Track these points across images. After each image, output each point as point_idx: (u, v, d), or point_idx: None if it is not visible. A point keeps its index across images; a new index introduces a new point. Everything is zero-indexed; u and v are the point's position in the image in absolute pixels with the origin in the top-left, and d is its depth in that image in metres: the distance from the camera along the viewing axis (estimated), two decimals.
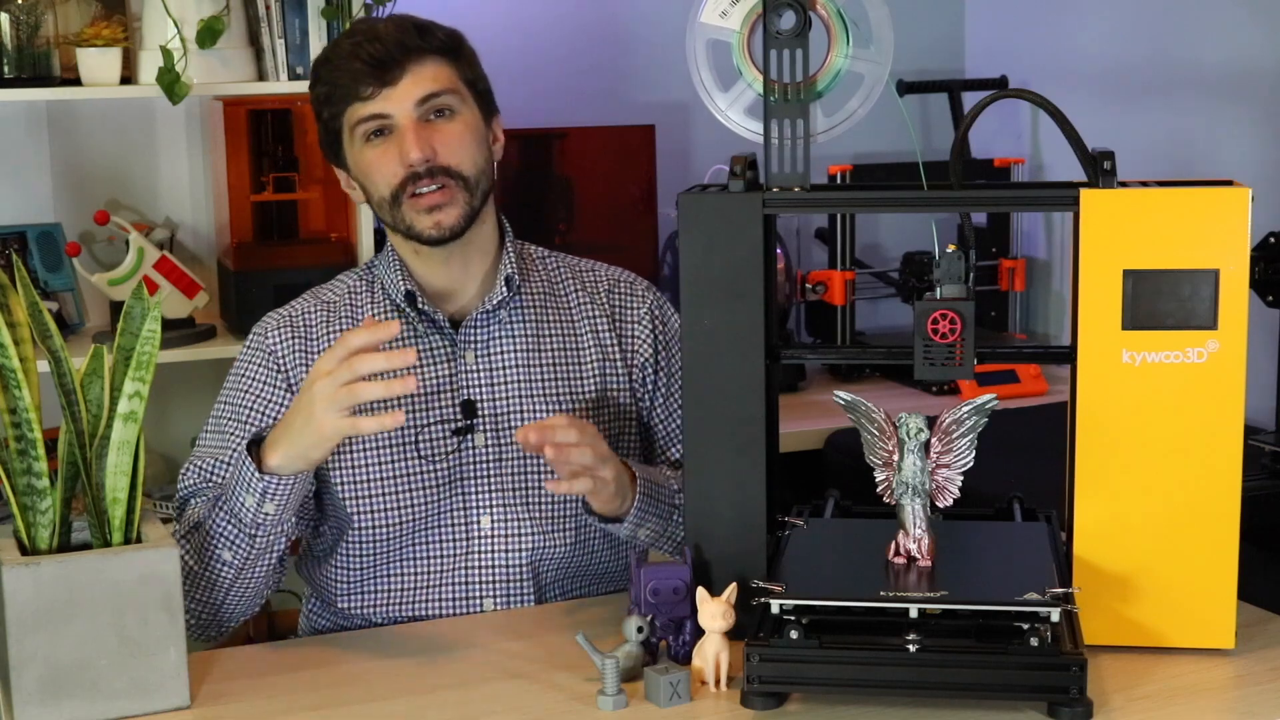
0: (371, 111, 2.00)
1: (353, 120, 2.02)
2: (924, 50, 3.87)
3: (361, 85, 1.99)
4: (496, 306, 2.08)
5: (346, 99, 2.01)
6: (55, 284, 3.15)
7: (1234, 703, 1.69)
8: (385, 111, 2.00)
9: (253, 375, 2.08)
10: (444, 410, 2.05)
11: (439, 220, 2.01)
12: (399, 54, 1.99)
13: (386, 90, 1.99)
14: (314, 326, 2.09)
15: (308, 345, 2.08)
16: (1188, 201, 1.72)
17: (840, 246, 3.44)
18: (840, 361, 3.51)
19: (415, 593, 2.04)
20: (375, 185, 2.03)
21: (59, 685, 1.65)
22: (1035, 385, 3.36)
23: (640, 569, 1.76)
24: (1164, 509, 1.75)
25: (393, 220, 2.04)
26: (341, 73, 2.01)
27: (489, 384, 2.07)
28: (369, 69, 1.99)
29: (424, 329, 2.07)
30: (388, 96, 1.99)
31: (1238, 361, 1.72)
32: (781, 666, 1.63)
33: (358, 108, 2.01)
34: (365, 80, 1.99)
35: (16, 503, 1.69)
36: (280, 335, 2.08)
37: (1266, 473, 2.60)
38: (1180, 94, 3.32)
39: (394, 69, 1.99)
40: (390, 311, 2.08)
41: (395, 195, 2.01)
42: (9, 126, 3.17)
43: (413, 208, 2.01)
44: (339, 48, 2.04)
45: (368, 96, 2.00)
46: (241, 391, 2.08)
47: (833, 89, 1.80)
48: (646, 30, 3.59)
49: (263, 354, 2.08)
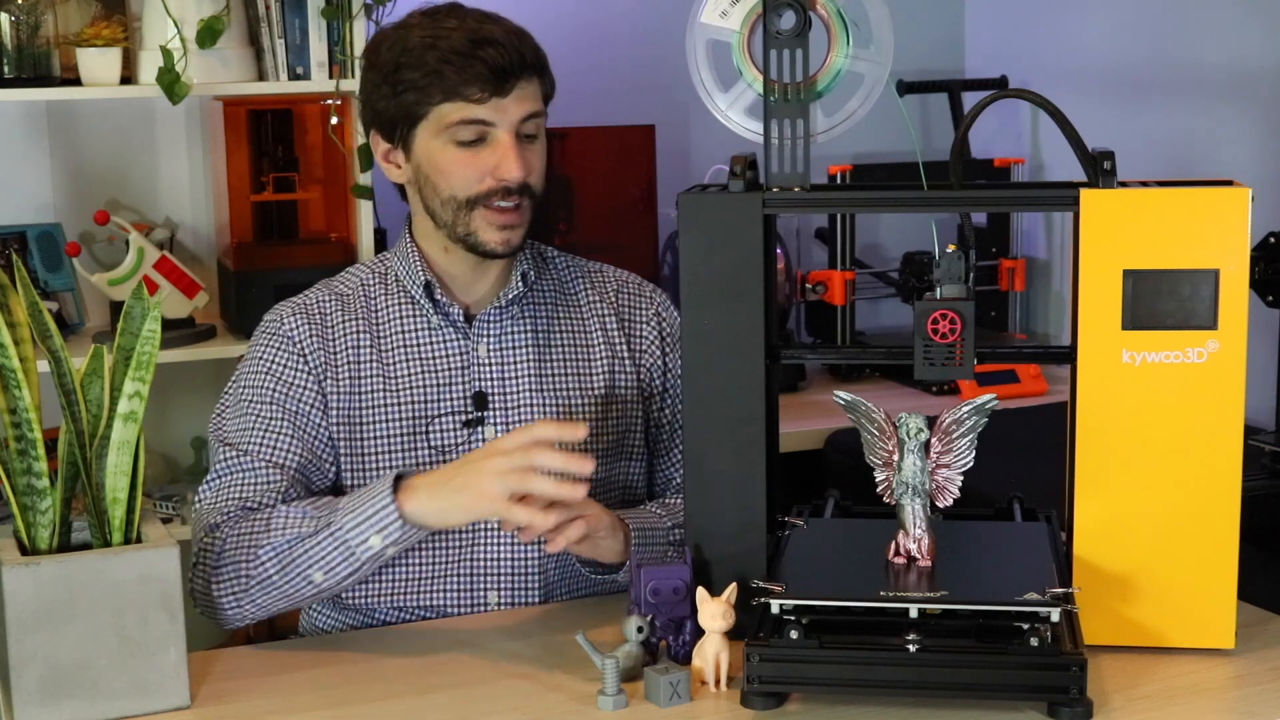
0: (478, 116, 1.97)
1: (450, 117, 1.98)
2: (924, 50, 3.87)
3: (473, 87, 1.96)
4: (511, 302, 2.08)
5: (449, 94, 1.97)
6: (55, 284, 3.15)
7: (1234, 703, 1.69)
8: (491, 120, 1.98)
9: (272, 359, 2.05)
10: (455, 402, 2.05)
11: (508, 239, 2.02)
12: (518, 66, 1.97)
13: (498, 100, 1.97)
14: (329, 315, 2.07)
15: (325, 333, 2.06)
16: (1188, 201, 1.72)
17: (840, 246, 3.44)
18: (840, 361, 3.51)
19: (420, 584, 2.04)
20: (452, 185, 2.01)
21: (59, 685, 1.65)
22: (1035, 385, 3.36)
23: (640, 569, 1.76)
24: (1164, 509, 1.75)
25: (453, 220, 2.02)
26: (454, 66, 1.96)
27: (500, 377, 2.07)
28: (489, 73, 1.95)
29: (438, 321, 2.07)
30: (497, 106, 1.97)
31: (1238, 361, 1.72)
32: (781, 666, 1.63)
33: (462, 108, 1.97)
34: (480, 84, 1.95)
35: (16, 503, 1.69)
36: (296, 322, 2.06)
37: (1266, 473, 2.60)
38: (1180, 94, 3.32)
39: (510, 80, 1.97)
40: (404, 304, 2.08)
41: (471, 201, 2.00)
42: (9, 126, 3.17)
43: (486, 219, 2.00)
44: (448, 36, 1.97)
45: (477, 100, 1.96)
46: (263, 374, 2.04)
47: (833, 89, 1.80)
48: (646, 30, 3.59)
49: (281, 339, 2.06)
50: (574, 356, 2.11)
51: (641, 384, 2.14)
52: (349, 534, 1.84)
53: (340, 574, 1.87)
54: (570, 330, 2.13)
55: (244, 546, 1.89)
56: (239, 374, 2.08)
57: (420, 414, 2.04)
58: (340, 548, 1.85)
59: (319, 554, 1.86)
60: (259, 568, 1.88)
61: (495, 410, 2.06)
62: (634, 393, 2.13)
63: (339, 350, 2.05)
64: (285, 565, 1.87)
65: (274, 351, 2.06)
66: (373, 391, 2.04)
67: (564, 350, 2.11)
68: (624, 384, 2.13)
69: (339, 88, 3.02)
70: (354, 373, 2.05)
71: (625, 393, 2.13)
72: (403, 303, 2.08)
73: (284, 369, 2.04)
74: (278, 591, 1.88)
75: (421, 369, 2.05)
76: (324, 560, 1.86)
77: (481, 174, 2.00)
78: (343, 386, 2.04)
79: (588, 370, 2.11)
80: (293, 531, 1.88)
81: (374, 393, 2.04)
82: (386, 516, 1.83)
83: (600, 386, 2.11)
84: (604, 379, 2.12)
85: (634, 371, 2.14)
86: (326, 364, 2.05)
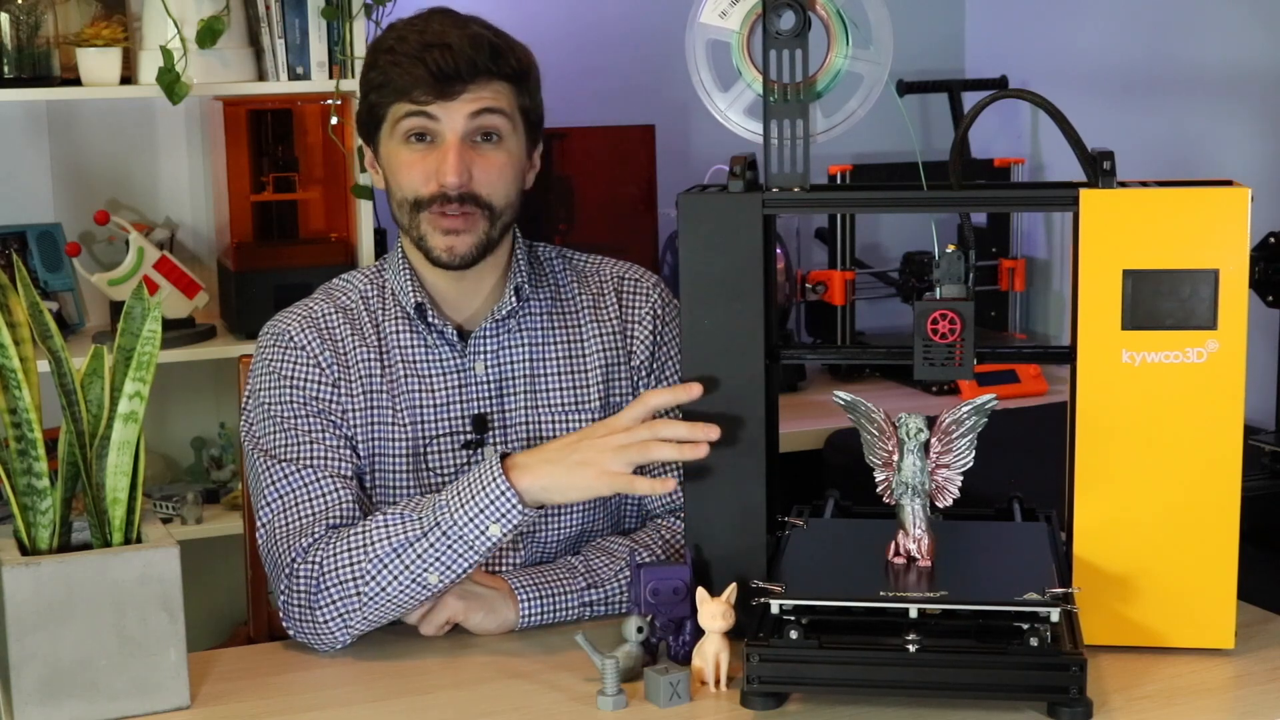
0: (423, 114, 1.97)
1: (398, 115, 1.98)
2: (924, 50, 3.87)
3: (418, 90, 1.95)
4: (505, 316, 2.07)
5: (398, 95, 1.97)
6: (55, 284, 3.15)
7: (1234, 703, 1.70)
8: (434, 120, 1.97)
9: (292, 373, 2.00)
10: (453, 423, 2.03)
11: (452, 245, 1.99)
12: (466, 72, 1.95)
13: (443, 103, 1.96)
14: (337, 330, 2.04)
15: (336, 348, 2.02)
16: (1187, 201, 1.72)
17: (840, 246, 3.44)
18: (840, 361, 3.51)
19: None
20: (401, 186, 2.01)
21: (59, 685, 1.65)
22: (1035, 385, 3.36)
23: (640, 569, 1.76)
24: (1164, 509, 1.75)
25: (408, 224, 2.01)
26: (401, 70, 1.96)
27: (498, 395, 2.05)
28: (430, 77, 1.95)
29: (433, 340, 2.05)
30: (443, 108, 1.96)
31: (1237, 361, 1.72)
32: (781, 666, 1.63)
33: (407, 108, 1.97)
34: (423, 87, 1.95)
35: (16, 503, 1.69)
36: (307, 336, 2.02)
37: (1266, 473, 2.60)
38: (1180, 94, 3.32)
39: (456, 84, 1.95)
40: (401, 319, 2.06)
41: (418, 203, 1.99)
42: (9, 126, 3.17)
43: (431, 223, 1.99)
44: (406, 40, 1.98)
45: (421, 102, 1.96)
46: (285, 388, 1.99)
47: (832, 89, 1.80)
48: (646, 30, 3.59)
49: (294, 351, 2.01)
50: (569, 368, 2.09)
51: (636, 385, 2.13)
52: (464, 529, 1.81)
53: (457, 571, 1.83)
54: (566, 339, 2.09)
55: (346, 564, 1.84)
56: (257, 390, 2.03)
57: (420, 434, 2.02)
58: (455, 544, 1.82)
59: (432, 556, 1.82)
60: (369, 584, 1.83)
61: (494, 430, 2.04)
62: (630, 398, 2.11)
63: (351, 365, 2.02)
64: (398, 574, 1.83)
65: (291, 365, 2.01)
66: (381, 408, 2.01)
67: (559, 362, 2.08)
68: (620, 390, 2.11)
69: (339, 88, 3.02)
70: (366, 387, 2.02)
71: (621, 400, 2.11)
72: (399, 318, 2.06)
73: (305, 381, 2.00)
74: (392, 603, 1.84)
75: (420, 388, 2.03)
76: (439, 561, 1.82)
77: (427, 176, 1.98)
78: (357, 403, 2.01)
79: (583, 381, 2.09)
80: (398, 539, 1.83)
81: (383, 409, 2.01)
82: (505, 504, 1.80)
83: (596, 397, 2.08)
84: (599, 388, 2.08)
85: (630, 374, 2.12)
86: (340, 378, 2.02)
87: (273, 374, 2.01)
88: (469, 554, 1.82)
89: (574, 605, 1.93)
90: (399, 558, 1.83)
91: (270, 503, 1.94)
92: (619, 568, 1.96)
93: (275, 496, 1.94)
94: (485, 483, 1.81)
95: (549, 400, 2.07)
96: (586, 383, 2.09)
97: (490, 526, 1.80)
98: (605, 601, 1.94)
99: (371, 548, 1.84)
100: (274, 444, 1.98)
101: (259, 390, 2.02)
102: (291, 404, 1.99)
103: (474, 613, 1.89)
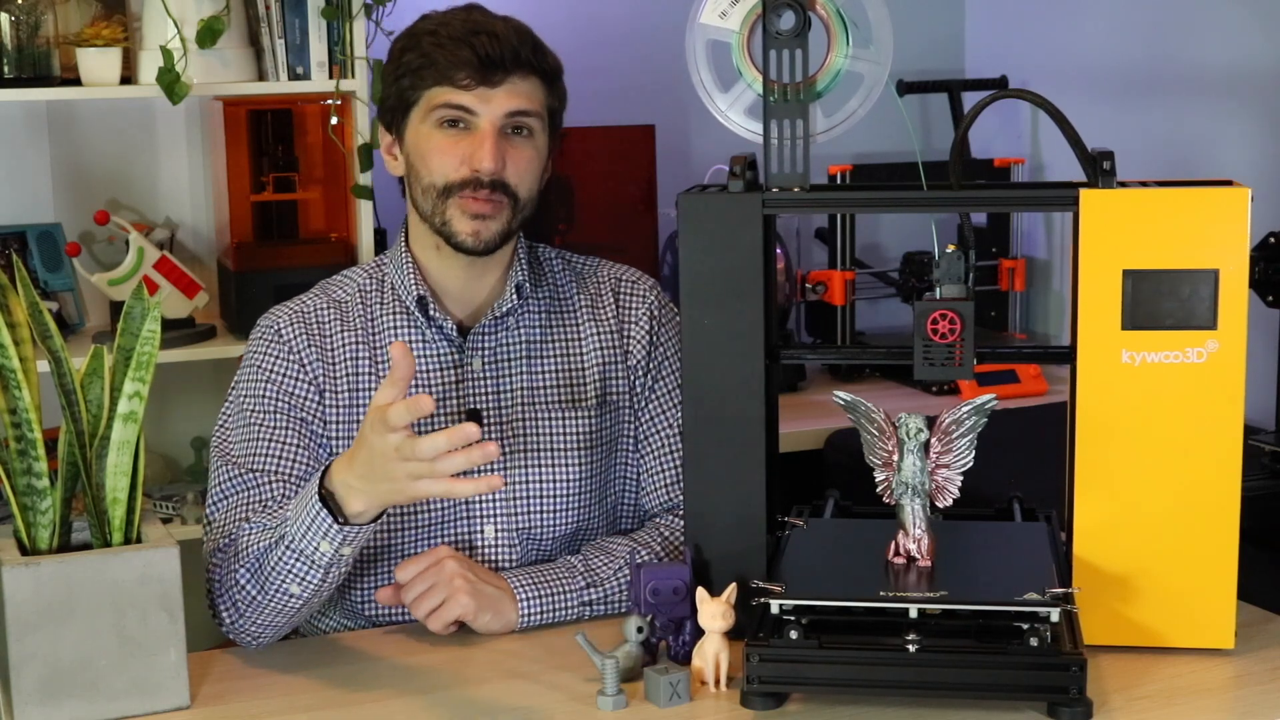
0: (461, 102, 1.98)
1: (436, 100, 1.99)
2: (924, 50, 3.87)
3: (461, 73, 1.97)
4: (505, 314, 2.07)
5: (439, 79, 1.98)
6: (55, 284, 3.14)
7: (1234, 703, 1.70)
8: (474, 108, 1.98)
9: (272, 367, 2.03)
10: (449, 419, 2.03)
11: (478, 230, 2.00)
12: (510, 61, 1.98)
13: (484, 89, 1.97)
14: (326, 325, 2.06)
15: (323, 344, 2.04)
16: (1187, 201, 1.72)
17: (840, 246, 3.44)
18: (840, 361, 3.51)
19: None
20: (430, 171, 2.01)
21: (59, 685, 1.65)
22: (1035, 385, 3.36)
23: (640, 569, 1.76)
24: (1164, 509, 1.75)
25: (431, 209, 2.02)
26: (445, 51, 1.97)
27: (495, 391, 2.06)
28: (477, 61, 1.96)
29: (432, 335, 2.06)
30: (483, 96, 1.98)
31: (1237, 361, 1.72)
32: (781, 666, 1.63)
33: (448, 92, 1.98)
34: (468, 70, 1.97)
35: (16, 503, 1.69)
36: (295, 332, 2.04)
37: (1266, 473, 2.60)
38: (1180, 94, 3.32)
39: (500, 72, 1.97)
40: (399, 314, 2.06)
41: (447, 189, 2.00)
42: (9, 126, 3.17)
43: (460, 207, 1.99)
44: (449, 25, 2.00)
45: (463, 86, 1.97)
46: (263, 383, 2.02)
47: (832, 89, 1.80)
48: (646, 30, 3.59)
49: (279, 346, 2.04)
50: (566, 367, 2.09)
51: (632, 387, 2.12)
52: (302, 543, 1.80)
53: (312, 583, 1.82)
54: (564, 338, 2.10)
55: (228, 570, 1.88)
56: (239, 383, 2.06)
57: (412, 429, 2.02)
58: (299, 558, 1.81)
59: (285, 567, 1.82)
60: (241, 591, 1.86)
61: (490, 426, 2.04)
62: (627, 399, 2.12)
63: (337, 362, 2.04)
64: (263, 584, 1.84)
65: (273, 360, 2.04)
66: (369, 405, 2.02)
67: (556, 360, 2.09)
68: (617, 390, 2.11)
69: (339, 88, 3.02)
70: (352, 384, 2.03)
71: (618, 400, 2.11)
72: (398, 313, 2.07)
73: (283, 378, 2.02)
74: (269, 610, 1.85)
75: (415, 383, 2.02)
76: (292, 572, 1.82)
77: (459, 161, 1.99)
78: (341, 400, 2.03)
79: (580, 380, 2.09)
80: (257, 548, 1.85)
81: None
82: (323, 522, 1.78)
83: (593, 397, 2.09)
84: (596, 388, 2.09)
85: (627, 375, 2.13)
86: (325, 375, 2.03)
87: (254, 366, 2.05)
88: (314, 568, 1.81)
89: (573, 605, 1.93)
90: (260, 567, 1.85)
91: (215, 502, 1.99)
92: (618, 567, 1.96)
93: (220, 496, 1.99)
94: (308, 501, 1.80)
95: (545, 399, 2.07)
96: (583, 381, 2.09)
97: (320, 544, 1.79)
98: (605, 601, 1.94)
99: (242, 556, 1.87)
100: (234, 443, 2.01)
101: (240, 382, 2.06)
102: (264, 398, 2.02)
103: (483, 613, 1.89)
